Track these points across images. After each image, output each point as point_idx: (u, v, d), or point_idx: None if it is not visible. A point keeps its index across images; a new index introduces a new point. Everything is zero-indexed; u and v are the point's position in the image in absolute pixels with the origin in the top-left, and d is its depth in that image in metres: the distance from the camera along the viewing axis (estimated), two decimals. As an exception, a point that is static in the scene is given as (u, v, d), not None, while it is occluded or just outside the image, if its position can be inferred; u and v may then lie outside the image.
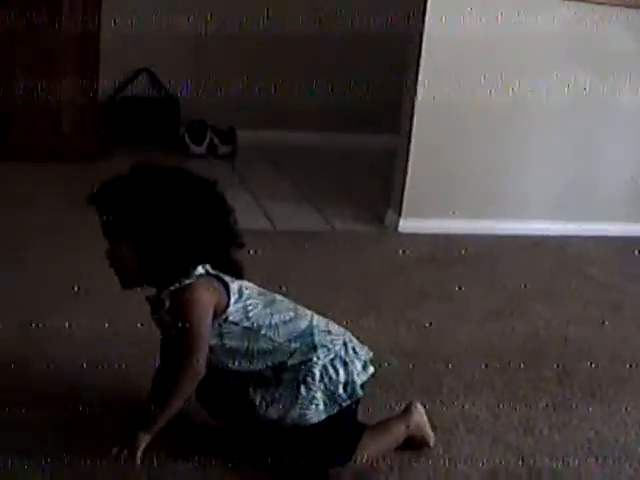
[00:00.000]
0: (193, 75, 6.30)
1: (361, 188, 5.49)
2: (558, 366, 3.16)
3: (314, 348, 2.28)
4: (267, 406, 2.27)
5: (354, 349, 2.34)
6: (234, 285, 2.27)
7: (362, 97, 6.41)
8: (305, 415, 2.26)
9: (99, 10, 5.52)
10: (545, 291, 3.92)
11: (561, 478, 2.45)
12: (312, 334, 2.29)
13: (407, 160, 4.56)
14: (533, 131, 4.62)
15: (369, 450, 2.35)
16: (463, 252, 4.33)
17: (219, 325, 2.25)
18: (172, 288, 2.21)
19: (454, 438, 2.60)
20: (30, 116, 5.53)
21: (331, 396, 2.27)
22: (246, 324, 2.26)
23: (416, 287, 3.82)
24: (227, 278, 2.27)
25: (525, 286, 3.94)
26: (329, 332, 2.33)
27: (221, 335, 2.26)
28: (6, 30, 5.34)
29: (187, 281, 2.21)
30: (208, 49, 6.30)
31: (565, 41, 4.52)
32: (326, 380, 2.27)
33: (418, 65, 4.39)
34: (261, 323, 2.27)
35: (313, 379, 2.26)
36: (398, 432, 2.45)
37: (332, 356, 2.29)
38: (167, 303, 2.23)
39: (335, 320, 2.40)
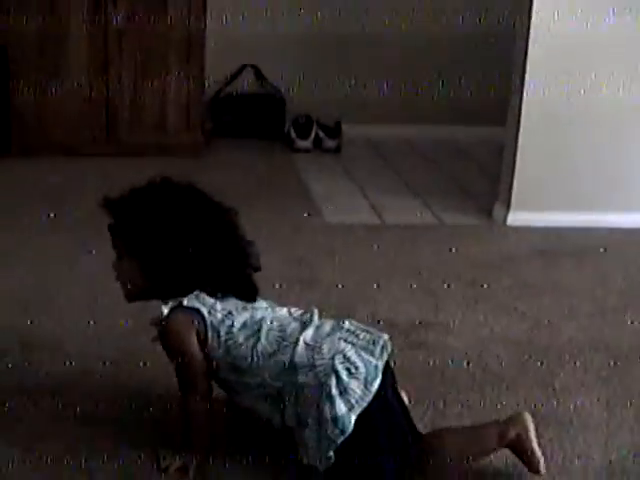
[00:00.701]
0: (299, 70, 6.32)
1: (468, 181, 5.45)
2: (674, 362, 3.09)
3: (300, 386, 2.17)
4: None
5: (348, 369, 2.14)
6: (214, 318, 2.21)
7: (470, 90, 6.37)
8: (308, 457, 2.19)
9: (205, 7, 5.59)
10: (658, 286, 3.84)
11: (679, 476, 2.39)
12: (295, 370, 2.17)
13: (515, 153, 4.50)
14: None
15: (449, 449, 2.27)
16: (573, 245, 4.26)
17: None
18: (164, 313, 2.22)
19: (568, 435, 2.55)
20: (137, 112, 5.63)
21: (324, 434, 2.14)
22: (229, 360, 2.22)
23: (526, 280, 3.77)
24: (204, 310, 2.21)
25: (637, 280, 3.86)
26: (319, 352, 2.17)
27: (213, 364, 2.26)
28: (115, 29, 5.45)
29: (184, 301, 2.21)
30: (314, 45, 6.30)
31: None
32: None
33: (525, 57, 4.33)
34: (242, 363, 2.21)
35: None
36: (488, 438, 2.29)
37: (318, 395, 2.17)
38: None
39: (443, 312, 2.36)
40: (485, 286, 3.68)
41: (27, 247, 3.87)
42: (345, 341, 2.19)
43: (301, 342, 2.18)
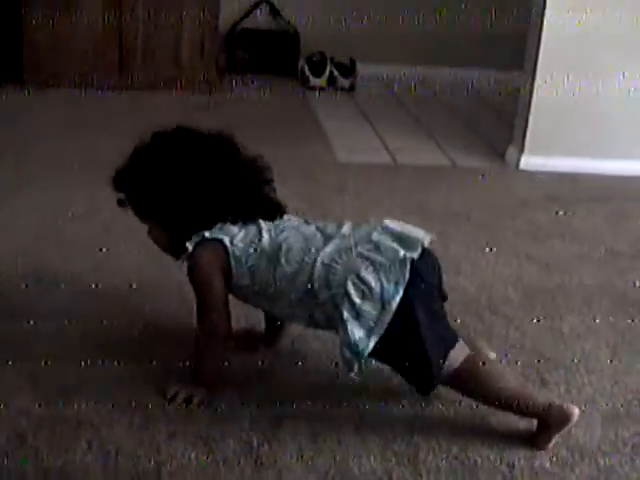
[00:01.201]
0: (314, 7, 6.27)
1: (483, 125, 5.43)
2: (683, 309, 3.08)
3: (322, 304, 2.19)
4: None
5: (363, 291, 2.12)
6: (236, 247, 2.22)
7: (487, 33, 6.32)
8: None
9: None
10: (670, 233, 3.82)
11: (684, 423, 2.40)
12: (314, 291, 2.17)
13: (531, 96, 4.47)
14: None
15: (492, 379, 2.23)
16: (586, 191, 4.25)
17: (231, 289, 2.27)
18: (189, 249, 2.23)
19: (574, 379, 2.55)
20: (151, 46, 5.60)
21: (342, 357, 2.17)
22: (256, 288, 2.24)
23: (538, 225, 3.76)
24: (226, 240, 2.21)
25: (651, 228, 3.86)
26: (334, 273, 2.15)
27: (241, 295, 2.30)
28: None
29: (206, 234, 2.22)
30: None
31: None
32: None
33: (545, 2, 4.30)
34: (267, 289, 2.22)
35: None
36: (528, 404, 2.20)
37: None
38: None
39: (453, 253, 2.35)
40: (496, 229, 3.67)
41: (37, 180, 3.87)
42: (364, 258, 2.16)
43: (318, 262, 2.17)
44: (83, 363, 2.42)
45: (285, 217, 2.33)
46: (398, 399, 2.38)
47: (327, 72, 6.09)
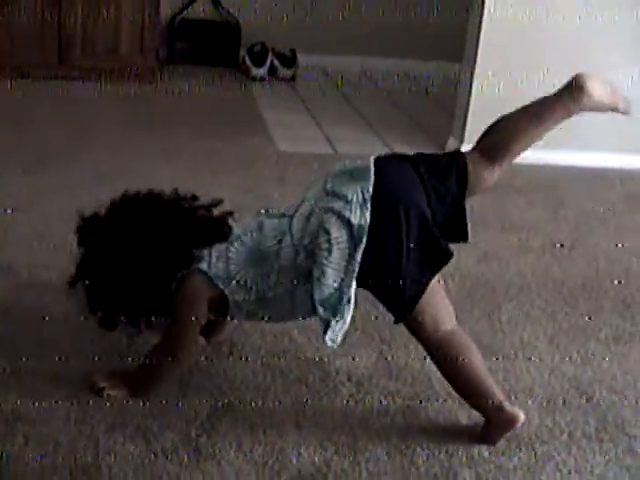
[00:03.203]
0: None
1: (423, 116, 5.44)
2: (619, 298, 3.12)
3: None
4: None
5: (329, 248, 2.11)
6: (216, 268, 2.21)
7: (426, 23, 6.34)
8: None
9: None
10: (607, 223, 3.86)
11: (618, 410, 2.42)
12: (296, 268, 2.17)
13: (470, 87, 4.50)
14: (599, 62, 4.51)
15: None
16: (526, 182, 4.28)
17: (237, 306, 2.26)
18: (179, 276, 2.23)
19: (512, 367, 2.58)
20: (90, 35, 5.54)
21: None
22: (253, 298, 2.22)
23: (477, 215, 3.74)
24: (204, 265, 2.21)
25: (587, 218, 3.89)
26: (305, 245, 2.15)
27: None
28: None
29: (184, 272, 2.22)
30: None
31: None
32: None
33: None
34: (262, 290, 2.21)
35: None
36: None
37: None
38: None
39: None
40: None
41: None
42: (325, 210, 2.13)
43: (294, 239, 2.17)
44: (19, 357, 2.40)
45: (243, 222, 2.32)
46: (337, 390, 2.39)
47: (268, 62, 6.08)
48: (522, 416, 2.19)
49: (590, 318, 2.95)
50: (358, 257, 2.09)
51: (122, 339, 2.42)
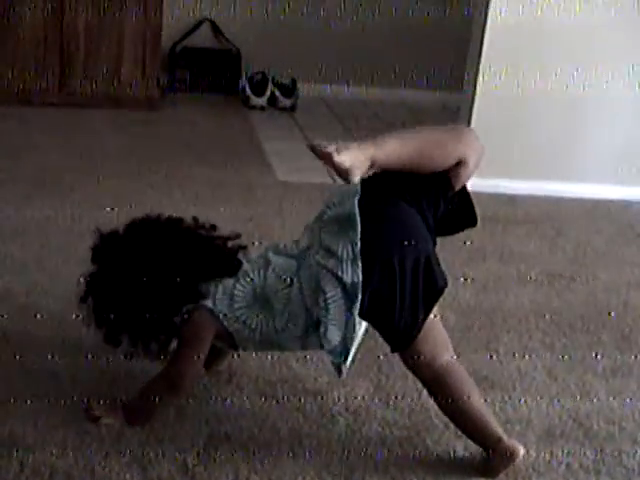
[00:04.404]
0: (256, 27, 6.28)
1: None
2: (617, 331, 3.11)
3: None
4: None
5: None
6: (221, 305, 2.22)
7: (426, 54, 6.37)
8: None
9: (162, -43, 5.53)
10: (606, 255, 3.86)
11: (617, 442, 2.42)
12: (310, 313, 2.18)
13: (470, 118, 4.51)
14: (597, 95, 4.53)
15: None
16: (524, 213, 4.29)
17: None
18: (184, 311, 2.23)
19: (510, 398, 2.57)
20: (92, 64, 5.55)
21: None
22: (258, 337, 2.23)
23: (476, 245, 3.78)
24: (209, 303, 2.22)
25: (586, 249, 3.90)
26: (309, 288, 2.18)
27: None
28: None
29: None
30: (271, 1, 6.27)
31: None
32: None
33: (485, 22, 4.33)
34: (267, 332, 2.22)
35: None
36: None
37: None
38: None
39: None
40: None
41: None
42: (321, 268, 2.14)
43: (297, 290, 2.18)
44: (15, 382, 2.40)
45: (249, 257, 2.33)
46: (335, 420, 2.38)
47: (268, 92, 6.09)
48: (522, 450, 2.19)
49: (588, 350, 2.94)
50: (356, 312, 2.12)
51: (119, 367, 2.42)
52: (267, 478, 2.11)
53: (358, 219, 2.12)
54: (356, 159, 2.13)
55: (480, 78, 4.43)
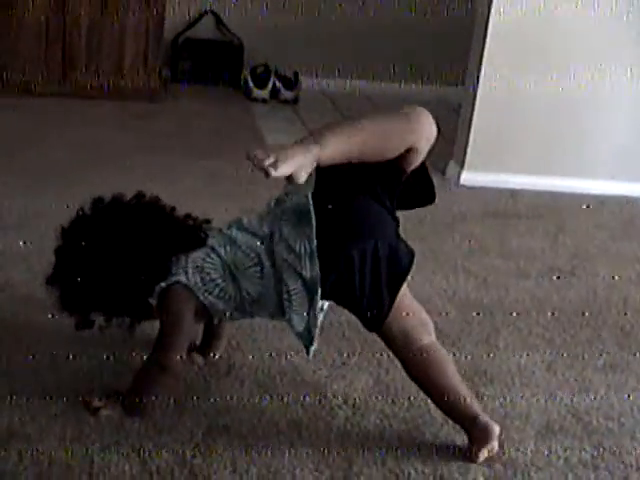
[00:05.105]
0: (259, 19, 6.27)
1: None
2: (617, 327, 3.11)
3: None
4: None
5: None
6: (194, 278, 2.22)
7: (428, 48, 6.36)
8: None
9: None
10: (606, 251, 3.86)
11: (616, 438, 2.42)
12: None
13: (472, 112, 4.51)
14: (599, 90, 4.53)
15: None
16: (525, 208, 4.29)
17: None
18: (157, 289, 2.23)
19: (509, 393, 2.57)
20: (94, 55, 5.55)
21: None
22: (232, 308, 2.26)
23: (476, 240, 3.79)
24: (183, 278, 2.22)
25: (587, 245, 3.89)
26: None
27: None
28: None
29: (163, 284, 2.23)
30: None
31: None
32: None
33: (488, 19, 4.33)
34: (239, 301, 2.24)
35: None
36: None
37: None
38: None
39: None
40: (435, 243, 3.69)
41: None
42: (282, 261, 2.17)
43: (269, 270, 2.20)
44: (14, 373, 2.40)
45: (213, 231, 2.33)
46: (334, 413, 2.38)
47: (270, 84, 6.09)
48: (497, 428, 2.20)
49: (588, 345, 2.94)
50: (316, 303, 2.14)
51: (120, 358, 2.42)
52: (266, 470, 2.11)
53: (313, 215, 2.13)
54: (299, 164, 2.10)
55: (483, 73, 4.42)
